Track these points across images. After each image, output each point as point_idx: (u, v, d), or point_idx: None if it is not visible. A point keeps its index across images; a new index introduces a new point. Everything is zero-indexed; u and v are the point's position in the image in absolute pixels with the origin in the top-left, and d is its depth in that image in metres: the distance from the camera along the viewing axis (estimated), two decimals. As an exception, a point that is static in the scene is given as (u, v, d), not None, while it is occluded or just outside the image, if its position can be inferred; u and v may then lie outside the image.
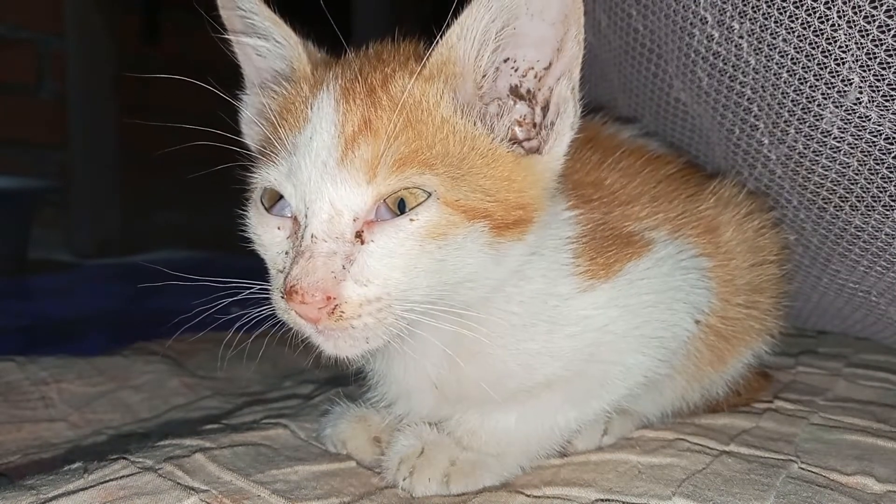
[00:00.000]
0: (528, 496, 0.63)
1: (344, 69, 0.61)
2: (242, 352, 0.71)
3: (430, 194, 0.54)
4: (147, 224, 2.89)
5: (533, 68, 0.59)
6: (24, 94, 2.63)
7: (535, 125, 0.60)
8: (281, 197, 0.59)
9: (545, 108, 0.60)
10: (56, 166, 2.67)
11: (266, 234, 0.60)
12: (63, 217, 2.71)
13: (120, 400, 1.06)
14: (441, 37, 0.58)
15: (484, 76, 0.59)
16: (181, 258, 2.75)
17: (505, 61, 0.59)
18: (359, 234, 0.54)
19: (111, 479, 0.63)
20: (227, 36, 0.68)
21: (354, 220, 0.54)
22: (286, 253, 0.57)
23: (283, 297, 0.54)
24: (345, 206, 0.54)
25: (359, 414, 0.76)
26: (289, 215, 0.58)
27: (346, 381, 0.84)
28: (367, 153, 0.54)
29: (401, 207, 0.54)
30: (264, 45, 0.66)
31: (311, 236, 0.54)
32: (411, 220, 0.54)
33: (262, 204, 0.60)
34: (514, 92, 0.60)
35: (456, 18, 0.57)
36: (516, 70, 0.59)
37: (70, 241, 2.71)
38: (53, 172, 2.66)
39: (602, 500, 0.62)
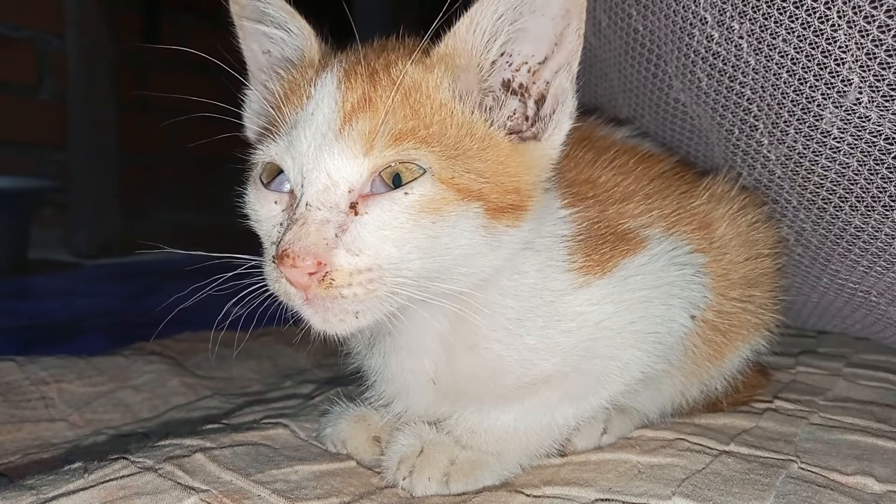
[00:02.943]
0: (528, 496, 0.63)
1: (349, 55, 0.63)
2: (243, 351, 0.71)
3: (425, 171, 0.55)
4: (147, 224, 2.89)
5: (527, 63, 0.60)
6: (25, 93, 2.63)
7: (526, 118, 0.62)
8: (279, 173, 0.60)
9: (539, 101, 0.61)
10: (56, 166, 2.67)
11: (263, 209, 0.61)
12: (63, 217, 2.71)
13: (120, 400, 1.06)
14: (448, 27, 0.59)
15: (484, 68, 0.60)
16: (181, 258, 2.75)
17: (501, 55, 0.60)
18: (353, 206, 0.55)
19: (111, 479, 0.63)
20: (235, 32, 0.69)
21: (349, 192, 0.55)
22: (281, 224, 0.58)
23: (274, 264, 0.55)
24: (341, 176, 0.55)
25: (358, 413, 0.76)
26: (286, 190, 0.60)
27: (346, 380, 0.84)
28: (365, 126, 0.55)
29: (396, 183, 0.55)
30: (278, 33, 0.68)
31: (306, 204, 0.55)
32: (406, 193, 0.55)
33: (261, 180, 0.61)
34: (506, 86, 0.61)
35: (454, 16, 0.58)
36: (510, 65, 0.60)
37: (70, 241, 2.71)
38: (53, 172, 2.67)
39: (602, 499, 0.62)
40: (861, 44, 0.65)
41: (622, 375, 0.67)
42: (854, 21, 0.65)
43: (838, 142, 0.74)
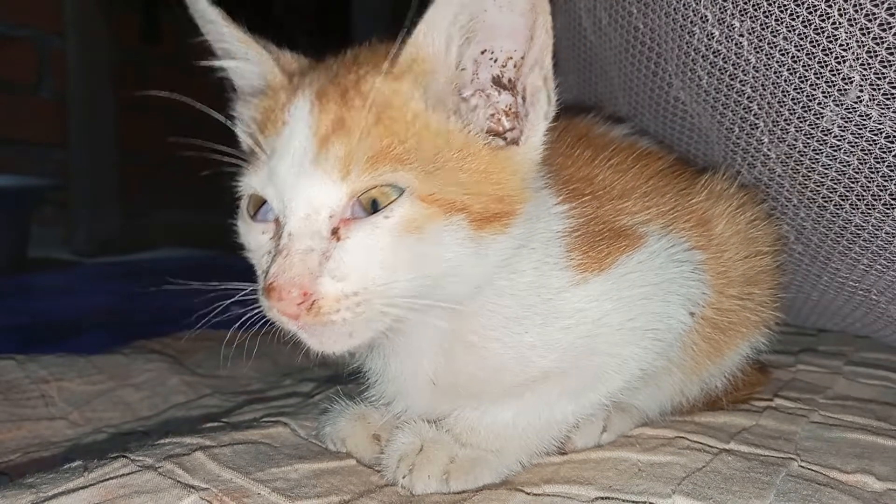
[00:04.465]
0: (528, 494, 0.63)
1: (319, 74, 0.62)
2: (242, 350, 0.71)
3: (403, 190, 0.55)
4: (147, 222, 2.89)
5: (511, 58, 0.59)
6: (24, 92, 2.63)
7: (516, 115, 0.61)
8: (264, 202, 0.60)
9: (525, 98, 0.60)
10: (56, 165, 2.67)
11: (252, 240, 0.62)
12: (63, 216, 2.71)
13: (120, 398, 1.06)
14: (408, 35, 0.58)
15: (461, 69, 0.59)
16: (181, 256, 2.75)
17: (482, 53, 0.59)
18: (335, 231, 0.55)
19: (111, 478, 0.63)
20: (212, 63, 0.69)
21: (330, 217, 0.55)
22: (269, 254, 0.58)
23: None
24: (321, 203, 0.55)
25: (358, 412, 0.76)
26: (272, 219, 0.60)
27: (346, 379, 0.84)
28: (340, 151, 0.55)
29: (375, 207, 0.55)
30: (238, 65, 0.68)
31: (289, 234, 0.55)
32: (386, 217, 0.55)
33: (248, 211, 0.62)
34: (497, 82, 0.60)
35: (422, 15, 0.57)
36: (495, 61, 0.59)
37: (70, 240, 2.71)
38: (53, 171, 2.66)
39: (602, 497, 0.62)
40: (862, 42, 0.65)
41: (621, 372, 0.67)
42: (855, 19, 0.65)
43: (839, 140, 0.74)
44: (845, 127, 0.72)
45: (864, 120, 0.70)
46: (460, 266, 0.58)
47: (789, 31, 0.70)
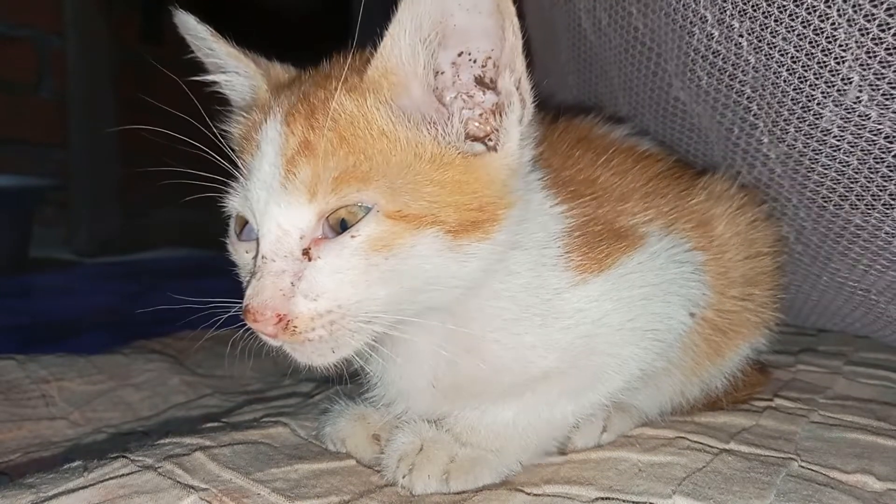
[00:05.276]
0: (529, 494, 0.63)
1: (292, 91, 0.61)
2: (242, 350, 0.71)
3: (370, 209, 0.55)
4: (147, 222, 2.89)
5: (490, 57, 0.57)
6: (25, 92, 2.63)
7: (503, 114, 0.59)
8: (248, 221, 0.61)
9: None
10: (56, 165, 2.67)
11: (239, 260, 0.63)
12: (63, 215, 2.71)
13: (120, 398, 1.06)
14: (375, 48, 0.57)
15: (440, 73, 0.58)
16: (181, 256, 2.75)
17: (459, 55, 0.57)
18: (307, 251, 0.56)
19: (111, 478, 0.63)
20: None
21: (301, 238, 0.56)
22: (251, 273, 0.59)
23: None
24: (291, 225, 0.56)
25: (358, 412, 0.76)
26: (255, 238, 0.60)
27: (346, 379, 0.84)
28: (307, 173, 0.55)
29: (344, 226, 0.55)
30: (230, 79, 0.69)
31: (262, 257, 0.56)
32: (353, 236, 0.55)
33: (234, 231, 0.63)
34: (480, 82, 0.58)
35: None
36: (475, 61, 0.58)
37: (70, 240, 2.71)
38: (54, 171, 2.66)
39: (602, 498, 0.62)
40: (861, 42, 0.65)
41: (621, 372, 0.67)
42: (854, 19, 0.65)
43: (838, 140, 0.74)
44: (845, 127, 0.72)
45: (864, 120, 0.70)
46: (440, 276, 0.57)
47: (788, 32, 0.70)
